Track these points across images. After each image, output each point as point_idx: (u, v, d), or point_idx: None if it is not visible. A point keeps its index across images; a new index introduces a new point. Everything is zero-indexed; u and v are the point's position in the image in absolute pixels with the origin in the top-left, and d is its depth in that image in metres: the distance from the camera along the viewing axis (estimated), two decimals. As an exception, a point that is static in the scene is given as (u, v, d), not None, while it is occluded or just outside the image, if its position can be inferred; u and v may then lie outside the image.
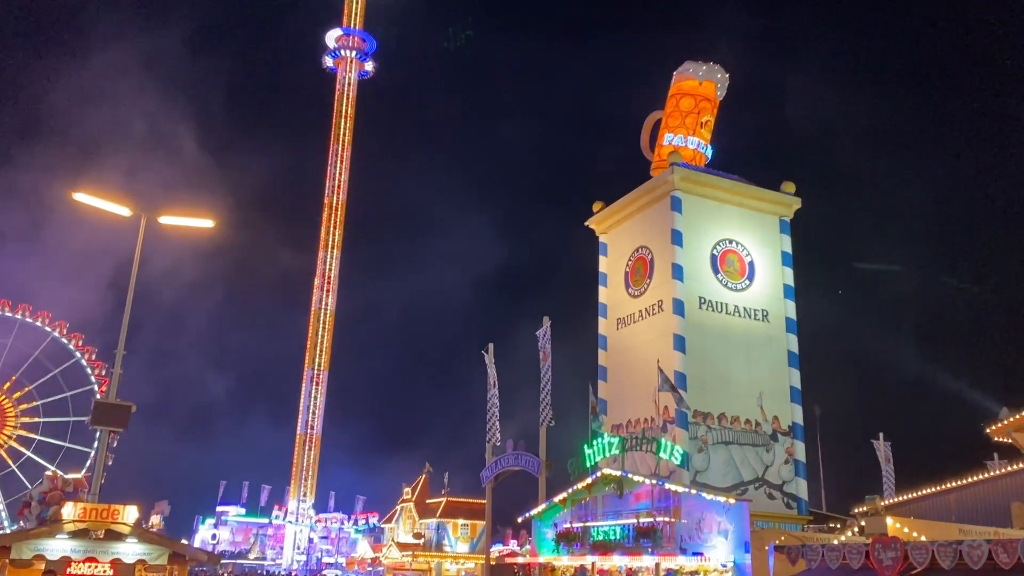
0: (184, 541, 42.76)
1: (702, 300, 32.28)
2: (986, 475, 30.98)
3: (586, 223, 38.16)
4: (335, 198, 76.38)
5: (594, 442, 28.39)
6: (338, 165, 77.06)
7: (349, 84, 79.66)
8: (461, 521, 44.38)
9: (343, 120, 78.27)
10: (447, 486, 46.17)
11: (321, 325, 73.57)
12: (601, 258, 37.51)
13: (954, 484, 31.44)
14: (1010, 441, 27.92)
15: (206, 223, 23.52)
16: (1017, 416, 27.37)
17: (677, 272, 32.05)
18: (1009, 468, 30.35)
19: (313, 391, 72.03)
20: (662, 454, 26.26)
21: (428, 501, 46.99)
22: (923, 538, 17.40)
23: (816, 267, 63.16)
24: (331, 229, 75.50)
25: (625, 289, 35.33)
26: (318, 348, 73.02)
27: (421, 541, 44.15)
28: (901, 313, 76.61)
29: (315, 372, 72.45)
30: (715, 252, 33.24)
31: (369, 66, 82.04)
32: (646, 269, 34.16)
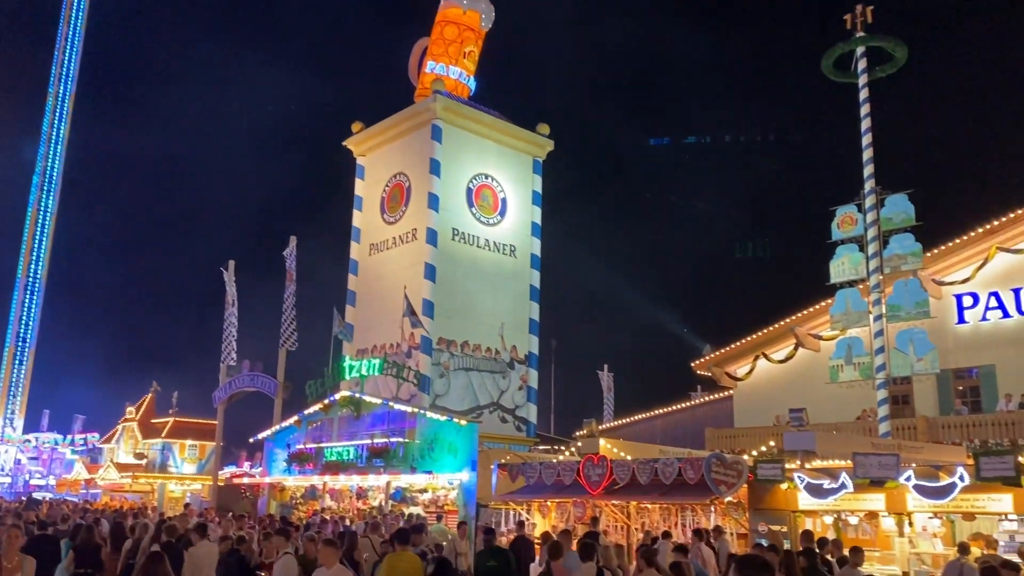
0: None
1: (455, 232, 32.80)
2: (688, 404, 34.97)
3: (344, 143, 37.13)
4: (59, 87, 67.91)
5: (348, 360, 28.25)
6: (66, 65, 68.30)
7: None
8: (189, 442, 42.50)
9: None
10: (175, 406, 43.90)
11: (39, 228, 65.99)
12: (358, 181, 36.78)
13: (661, 411, 35.23)
14: (711, 375, 31.47)
15: None
16: (716, 353, 30.98)
17: (433, 202, 32.24)
18: (707, 398, 34.46)
19: (27, 300, 64.84)
20: (402, 376, 26.71)
21: (154, 421, 44.42)
22: (628, 457, 19.15)
23: (562, 207, 66.56)
24: (54, 122, 67.28)
25: (380, 215, 35.00)
26: (35, 253, 65.56)
27: (143, 462, 41.79)
28: (635, 257, 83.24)
29: (31, 279, 65.14)
30: (471, 185, 33.78)
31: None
32: (402, 196, 34.01)
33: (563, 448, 31.05)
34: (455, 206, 32.97)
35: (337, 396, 28.16)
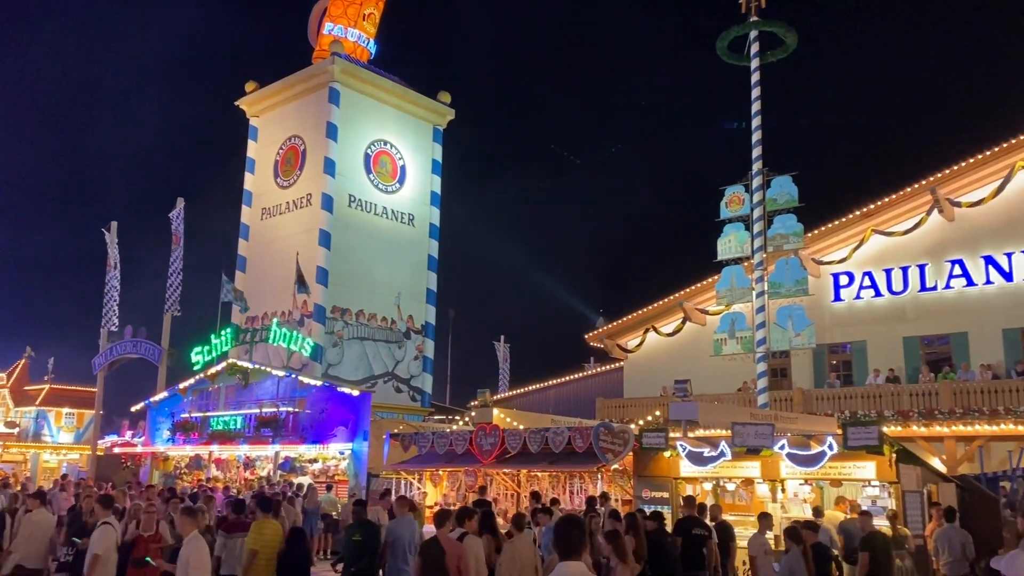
0: None
1: (352, 198, 32.21)
2: (581, 375, 35.70)
3: (237, 103, 35.76)
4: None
5: (221, 333, 27.47)
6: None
7: None
8: (66, 410, 40.45)
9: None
10: (51, 372, 41.63)
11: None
12: (250, 143, 35.56)
13: (554, 382, 35.86)
14: (603, 347, 32.17)
15: None
16: (608, 326, 31.68)
17: (329, 167, 31.53)
18: (599, 369, 35.25)
19: None
20: (292, 345, 26.16)
21: (27, 388, 42.02)
22: (521, 427, 19.42)
23: (461, 177, 66.32)
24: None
25: (274, 178, 33.99)
26: None
27: (15, 431, 39.57)
28: (535, 229, 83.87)
29: None
30: (369, 151, 33.19)
31: None
32: (297, 160, 33.11)
33: (457, 418, 31.23)
34: (352, 172, 32.35)
35: (224, 364, 27.38)
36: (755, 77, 22.44)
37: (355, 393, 24.24)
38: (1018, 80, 63.42)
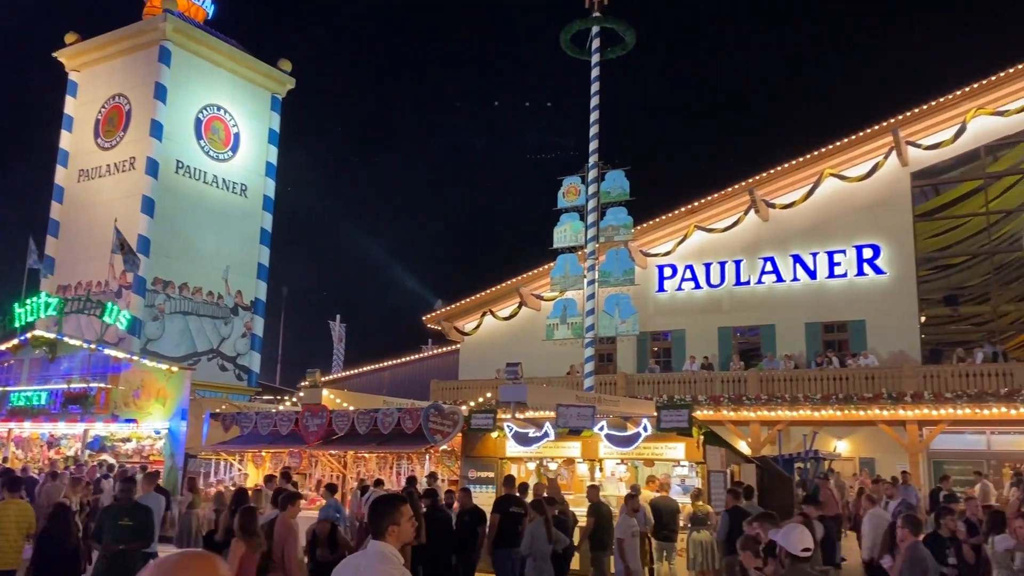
0: None
1: (180, 164, 30.48)
2: (417, 356, 35.67)
3: (55, 54, 32.90)
4: None
5: (27, 301, 25.30)
6: None
7: None
8: None
9: None
10: None
11: None
12: (68, 98, 32.82)
13: (390, 363, 35.64)
14: (440, 329, 32.29)
15: None
16: (446, 308, 31.84)
17: (156, 130, 29.66)
18: (436, 351, 35.36)
19: None
20: (106, 318, 24.51)
21: None
22: (351, 408, 19.17)
23: (303, 151, 64.35)
24: None
25: (94, 138, 31.58)
26: None
27: None
28: (371, 209, 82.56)
29: None
30: (201, 116, 31.49)
31: None
32: (121, 120, 30.92)
33: (286, 398, 30.40)
34: (181, 137, 30.61)
35: (29, 336, 25.24)
36: (595, 72, 23.10)
37: (174, 370, 23.03)
38: (832, 89, 69.07)
